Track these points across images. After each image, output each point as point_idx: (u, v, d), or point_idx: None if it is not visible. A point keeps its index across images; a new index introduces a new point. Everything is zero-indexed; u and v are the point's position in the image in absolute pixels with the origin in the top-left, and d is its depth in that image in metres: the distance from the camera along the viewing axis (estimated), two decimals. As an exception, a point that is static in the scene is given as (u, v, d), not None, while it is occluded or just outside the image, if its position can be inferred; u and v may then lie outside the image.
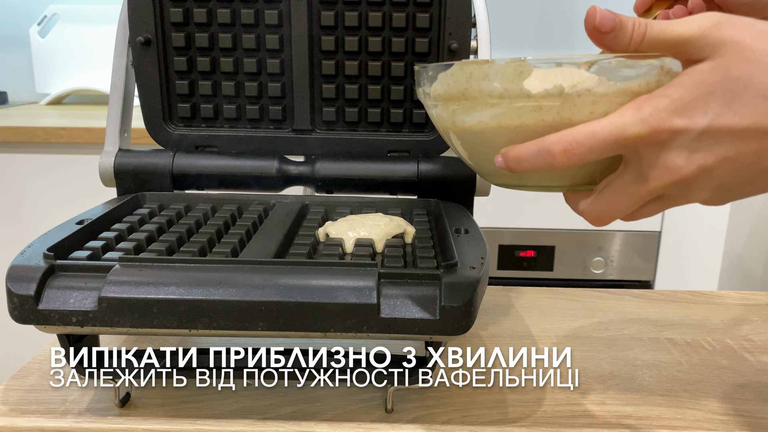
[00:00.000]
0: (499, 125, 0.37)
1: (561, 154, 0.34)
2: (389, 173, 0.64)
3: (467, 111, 0.38)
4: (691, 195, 0.36)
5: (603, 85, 0.35)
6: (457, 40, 0.63)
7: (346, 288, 0.43)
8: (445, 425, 0.47)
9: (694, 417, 0.48)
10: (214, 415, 0.47)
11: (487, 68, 0.36)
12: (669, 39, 0.34)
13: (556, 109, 0.35)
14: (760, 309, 0.70)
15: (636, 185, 0.35)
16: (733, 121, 0.33)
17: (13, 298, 0.42)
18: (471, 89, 0.37)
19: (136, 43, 0.64)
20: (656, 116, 0.33)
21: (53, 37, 1.94)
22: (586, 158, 0.34)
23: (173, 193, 0.64)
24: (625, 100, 0.35)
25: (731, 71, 0.33)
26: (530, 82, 0.35)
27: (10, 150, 1.53)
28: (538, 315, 0.67)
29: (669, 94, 0.34)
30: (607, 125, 0.34)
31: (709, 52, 0.33)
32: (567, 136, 0.34)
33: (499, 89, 0.36)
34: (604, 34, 0.34)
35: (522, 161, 0.36)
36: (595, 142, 0.34)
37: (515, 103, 0.36)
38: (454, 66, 0.38)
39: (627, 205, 0.37)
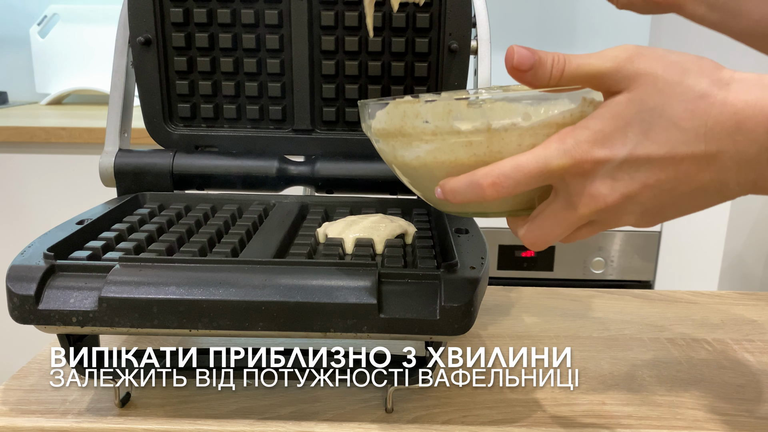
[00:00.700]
0: (435, 160, 0.38)
1: (490, 188, 0.36)
2: (389, 173, 0.64)
3: (405, 146, 0.40)
4: (618, 219, 0.37)
5: (528, 119, 0.36)
6: (457, 40, 0.63)
7: (346, 288, 0.43)
8: (445, 425, 0.47)
9: (694, 417, 0.48)
10: (214, 415, 0.47)
11: (418, 107, 0.38)
12: (586, 73, 0.35)
13: (486, 143, 0.37)
14: (760, 309, 0.70)
15: (566, 212, 0.37)
16: (650, 150, 0.34)
17: (13, 298, 0.42)
18: (406, 126, 0.39)
19: (136, 43, 0.64)
20: (578, 148, 0.35)
21: (53, 37, 1.94)
22: (514, 190, 0.36)
23: (173, 193, 0.64)
24: (550, 132, 0.36)
25: (646, 102, 0.34)
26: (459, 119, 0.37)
27: (10, 150, 1.53)
28: (538, 315, 0.67)
29: (590, 126, 0.35)
30: (532, 158, 0.36)
31: (625, 85, 0.35)
32: (495, 170, 0.36)
33: (431, 127, 0.38)
34: (524, 72, 0.36)
35: (456, 194, 0.37)
36: (521, 175, 0.36)
37: (448, 140, 0.37)
38: (390, 104, 0.40)
39: (559, 231, 0.38)
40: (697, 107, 0.34)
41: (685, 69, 0.34)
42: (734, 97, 0.34)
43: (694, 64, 0.35)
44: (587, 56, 0.36)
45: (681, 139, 0.34)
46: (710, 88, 0.34)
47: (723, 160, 0.34)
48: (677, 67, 0.34)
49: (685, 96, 0.34)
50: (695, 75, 0.34)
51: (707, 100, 0.34)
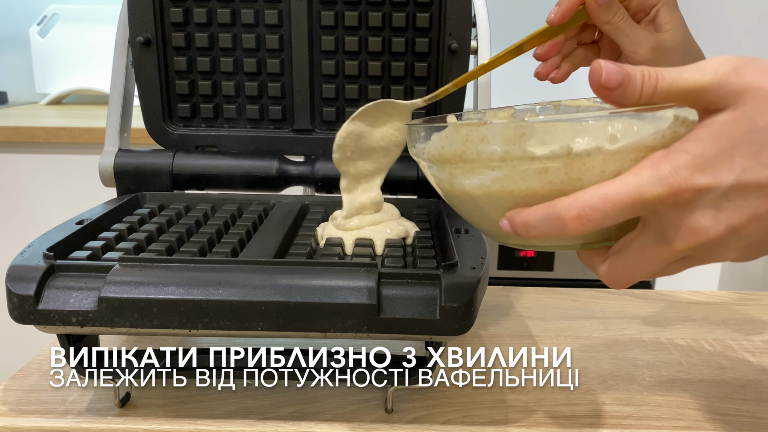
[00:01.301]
0: (502, 189, 0.34)
1: (574, 221, 0.32)
2: (389, 173, 0.64)
3: (466, 174, 0.35)
4: (719, 255, 0.33)
5: (614, 142, 0.32)
6: (457, 40, 0.63)
7: (346, 288, 0.43)
8: (445, 425, 0.47)
9: (694, 417, 0.48)
10: (214, 415, 0.47)
11: (484, 130, 0.34)
12: (683, 89, 0.32)
13: (564, 170, 0.33)
14: (761, 309, 0.70)
15: (658, 247, 0.33)
16: (761, 176, 0.31)
17: (13, 298, 0.42)
18: (468, 152, 0.35)
19: (136, 43, 0.64)
20: (676, 175, 0.31)
21: (53, 37, 1.94)
22: (602, 224, 0.32)
23: (173, 193, 0.64)
24: (639, 157, 0.32)
25: (756, 122, 0.30)
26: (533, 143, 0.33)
27: (10, 150, 1.53)
28: (538, 315, 0.67)
29: (689, 149, 0.31)
30: (623, 187, 0.31)
31: (730, 101, 0.31)
32: (579, 200, 0.32)
33: (500, 152, 0.34)
34: (612, 90, 0.32)
35: (530, 228, 0.33)
36: (610, 207, 0.31)
37: (518, 166, 0.33)
38: (449, 128, 0.36)
39: (648, 269, 0.34)
40: None
41: None
42: None
43: None
44: (681, 70, 0.32)
45: None
46: None
47: None
48: None
49: None
50: None
51: None
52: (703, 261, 0.34)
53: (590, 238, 0.36)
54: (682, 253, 0.33)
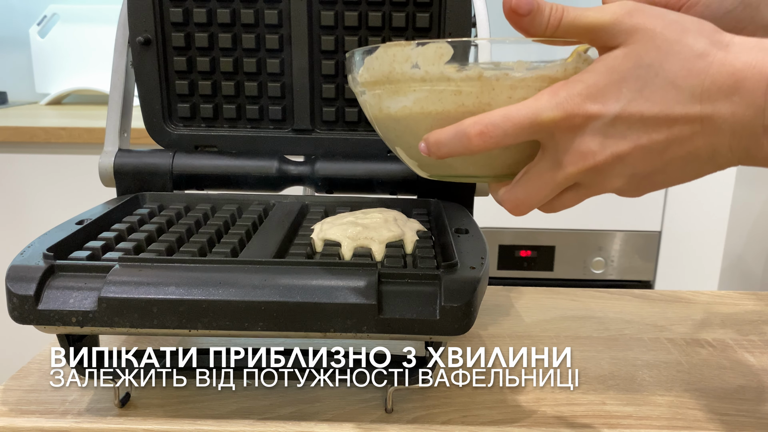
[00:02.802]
0: (421, 110, 0.37)
1: (477, 137, 0.35)
2: (389, 173, 0.64)
3: (391, 95, 0.38)
4: (606, 182, 0.36)
5: (521, 70, 0.35)
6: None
7: (346, 288, 0.43)
8: (445, 425, 0.47)
9: (694, 417, 0.48)
10: (214, 415, 0.47)
11: (409, 50, 0.37)
12: (583, 25, 0.34)
13: (476, 93, 0.36)
14: (760, 309, 0.70)
15: (552, 172, 0.36)
16: (644, 108, 0.33)
17: (13, 298, 0.42)
18: (395, 72, 0.37)
19: (136, 43, 0.64)
20: (570, 101, 0.34)
21: (53, 37, 1.94)
22: (502, 142, 0.35)
23: (173, 193, 0.64)
24: (543, 86, 0.35)
25: (642, 58, 0.33)
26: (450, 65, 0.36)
27: (10, 150, 1.53)
28: (538, 315, 0.67)
29: (584, 79, 0.34)
30: (523, 109, 0.34)
31: (622, 39, 0.34)
32: (483, 119, 0.35)
33: (421, 72, 0.36)
34: (521, 17, 0.35)
35: (441, 145, 0.36)
36: (510, 125, 0.34)
37: (436, 87, 0.36)
38: (379, 48, 0.38)
39: (544, 193, 0.37)
40: (694, 66, 0.33)
41: (685, 28, 0.33)
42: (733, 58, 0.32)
43: (694, 24, 0.34)
44: (585, 9, 0.35)
45: (676, 99, 0.33)
46: (709, 48, 0.33)
47: (718, 122, 0.33)
48: (677, 26, 0.34)
49: (683, 54, 0.33)
50: (695, 34, 0.33)
51: (705, 59, 0.33)
52: (592, 189, 0.37)
53: (500, 170, 0.39)
54: (573, 178, 0.36)
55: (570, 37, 0.35)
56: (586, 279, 1.58)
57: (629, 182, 0.36)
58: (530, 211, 0.38)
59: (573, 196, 0.38)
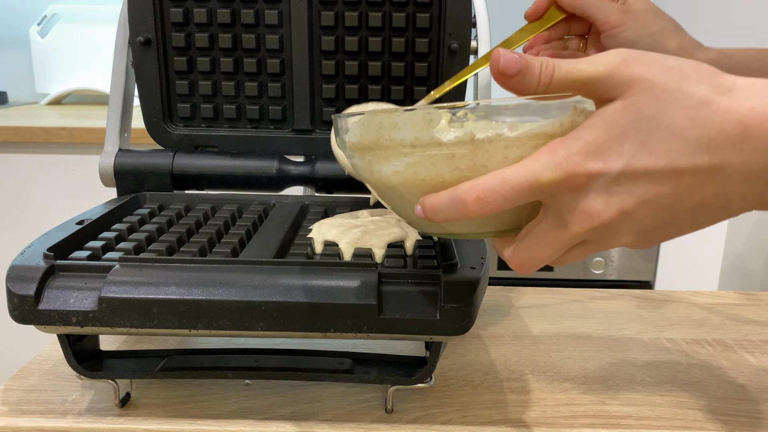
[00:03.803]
0: (414, 175, 0.36)
1: (474, 203, 0.33)
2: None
3: (382, 161, 0.37)
4: (614, 239, 0.35)
5: (515, 129, 0.34)
6: (457, 40, 0.63)
7: (346, 288, 0.43)
8: (445, 425, 0.47)
9: (694, 417, 0.48)
10: (214, 415, 0.47)
11: (396, 117, 0.35)
12: (577, 79, 0.33)
13: (469, 156, 0.34)
14: (760, 309, 0.70)
15: (556, 231, 0.34)
16: (648, 162, 0.32)
17: (13, 298, 0.42)
18: (383, 139, 0.36)
19: (136, 43, 0.64)
20: (570, 160, 0.32)
21: (53, 37, 1.94)
22: (501, 206, 0.33)
23: (173, 193, 0.64)
24: (539, 144, 0.34)
25: (642, 110, 0.32)
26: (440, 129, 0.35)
27: (10, 150, 1.53)
28: (538, 315, 0.67)
29: (582, 136, 0.33)
30: (521, 171, 0.33)
31: (620, 91, 0.32)
32: (479, 184, 0.33)
33: (410, 138, 0.35)
34: (510, 78, 0.33)
35: (437, 211, 0.34)
36: (508, 190, 0.33)
37: (427, 152, 0.35)
38: (365, 115, 0.37)
39: (549, 253, 0.35)
40: (698, 115, 0.32)
41: (684, 74, 0.32)
42: (739, 104, 0.31)
43: (693, 69, 0.33)
44: (577, 61, 0.33)
45: (681, 150, 0.32)
46: (712, 95, 0.32)
47: (728, 172, 0.32)
48: (675, 73, 0.32)
49: (684, 103, 0.32)
50: (695, 81, 0.32)
51: (709, 107, 0.31)
52: (600, 246, 0.36)
53: (501, 226, 0.38)
54: (579, 237, 0.34)
55: (564, 92, 0.34)
56: (586, 279, 1.58)
57: (638, 237, 0.35)
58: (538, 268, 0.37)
59: (580, 252, 0.36)
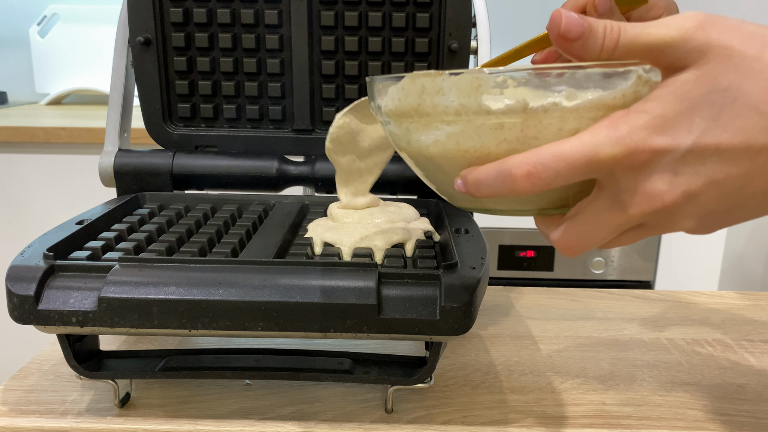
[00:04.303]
0: (456, 146, 0.33)
1: (524, 179, 0.30)
2: (389, 173, 0.64)
3: (421, 129, 0.34)
4: (674, 223, 0.32)
5: (572, 99, 0.31)
6: (457, 40, 0.63)
7: (346, 288, 0.43)
8: (445, 425, 0.47)
9: (694, 417, 0.48)
10: (214, 415, 0.47)
11: (440, 81, 0.32)
12: (646, 44, 0.30)
13: (520, 126, 0.31)
14: (760, 309, 0.70)
15: (612, 212, 0.32)
16: (721, 139, 0.29)
17: (13, 298, 0.42)
18: (424, 105, 0.33)
19: (135, 43, 0.64)
20: (634, 135, 0.30)
21: (53, 37, 1.94)
22: (553, 183, 0.31)
23: (173, 194, 0.64)
24: (598, 115, 0.31)
25: (718, 81, 0.29)
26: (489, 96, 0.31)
27: (10, 150, 1.53)
28: (538, 315, 0.67)
29: (648, 109, 0.30)
30: (578, 145, 0.30)
31: (693, 59, 0.29)
32: (531, 157, 0.30)
33: (455, 105, 0.32)
34: (572, 42, 0.31)
35: (481, 186, 0.32)
36: (563, 165, 0.30)
37: (474, 121, 0.32)
38: (405, 78, 0.34)
39: (602, 235, 0.33)
40: None
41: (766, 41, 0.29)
42: None
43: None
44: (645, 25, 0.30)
45: (759, 126, 0.29)
46: None
47: None
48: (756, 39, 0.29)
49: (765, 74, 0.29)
50: None
51: None
52: (659, 229, 0.33)
53: (546, 203, 0.35)
54: (637, 219, 0.32)
55: (629, 58, 0.31)
56: (586, 279, 1.59)
57: (702, 221, 0.32)
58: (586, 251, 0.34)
59: (634, 236, 0.34)
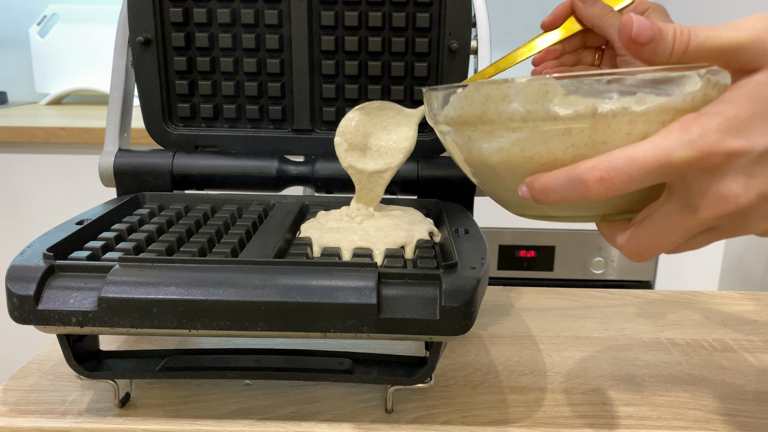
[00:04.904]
0: (522, 153, 0.33)
1: (596, 184, 0.30)
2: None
3: (485, 137, 0.34)
4: (747, 226, 0.32)
5: (641, 103, 0.31)
6: (457, 40, 0.63)
7: (346, 288, 0.43)
8: (445, 425, 0.47)
9: (694, 417, 0.48)
10: (214, 415, 0.47)
11: (506, 88, 0.32)
12: (717, 47, 0.30)
13: (588, 131, 0.31)
14: (760, 309, 0.70)
15: (683, 216, 0.32)
16: None
17: (13, 298, 0.42)
18: (489, 112, 0.33)
19: (136, 43, 0.64)
20: (707, 138, 0.29)
21: (53, 37, 1.94)
22: (626, 188, 0.30)
23: (173, 193, 0.64)
24: (667, 119, 0.31)
25: None
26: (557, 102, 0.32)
27: (10, 150, 1.53)
28: (538, 315, 0.67)
29: (721, 111, 0.30)
30: (650, 149, 0.30)
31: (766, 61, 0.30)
32: (603, 162, 0.30)
33: (522, 111, 0.32)
34: (642, 46, 0.31)
35: (550, 192, 0.32)
36: (636, 170, 0.30)
37: (540, 127, 0.32)
38: (469, 87, 0.34)
39: (672, 239, 0.32)
40: None
41: None
42: None
43: None
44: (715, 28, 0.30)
45: None
46: None
47: None
48: None
49: None
50: None
51: None
52: (731, 233, 0.33)
53: (611, 209, 0.35)
54: (709, 223, 0.32)
55: (699, 61, 0.31)
56: (586, 279, 1.59)
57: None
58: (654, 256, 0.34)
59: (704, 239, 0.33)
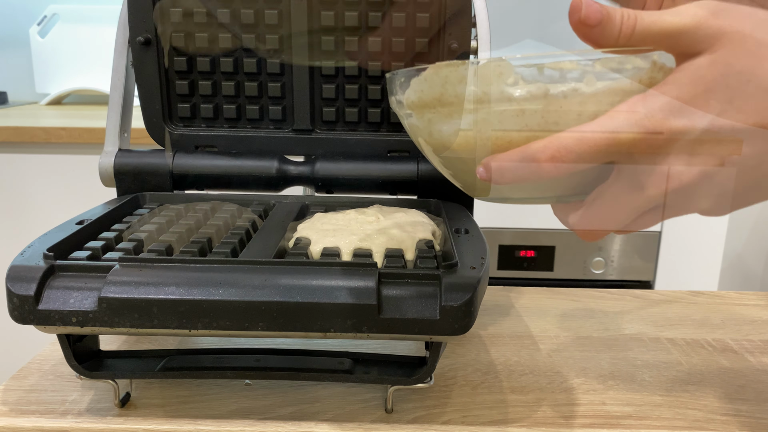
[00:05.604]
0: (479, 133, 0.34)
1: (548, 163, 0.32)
2: (389, 173, 0.64)
3: (444, 119, 0.35)
4: (691, 204, 0.33)
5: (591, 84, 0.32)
6: (457, 40, 0.63)
7: (346, 288, 0.43)
8: (445, 425, 0.47)
9: (694, 417, 0.48)
10: (214, 415, 0.47)
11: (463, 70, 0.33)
12: (661, 30, 0.31)
13: (541, 112, 0.32)
14: (760, 309, 0.70)
15: (631, 195, 0.33)
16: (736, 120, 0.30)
17: (13, 298, 0.42)
18: (447, 94, 0.34)
19: (136, 43, 0.64)
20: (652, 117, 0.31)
21: (53, 37, 1.94)
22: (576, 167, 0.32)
23: (173, 194, 0.64)
24: (616, 101, 0.32)
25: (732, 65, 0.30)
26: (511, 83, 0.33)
27: (10, 150, 1.53)
28: (538, 315, 0.67)
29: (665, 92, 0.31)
30: (598, 128, 0.31)
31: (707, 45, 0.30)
32: (554, 142, 0.32)
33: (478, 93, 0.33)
34: (591, 28, 0.32)
35: (505, 171, 0.33)
36: (585, 148, 0.31)
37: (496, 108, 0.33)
38: (428, 70, 0.35)
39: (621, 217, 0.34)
40: None
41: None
42: None
43: None
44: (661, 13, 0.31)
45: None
46: None
47: None
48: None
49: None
50: None
51: None
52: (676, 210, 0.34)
53: (564, 190, 0.36)
54: (655, 200, 0.33)
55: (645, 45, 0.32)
56: (586, 279, 1.59)
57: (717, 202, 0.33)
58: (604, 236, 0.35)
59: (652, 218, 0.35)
